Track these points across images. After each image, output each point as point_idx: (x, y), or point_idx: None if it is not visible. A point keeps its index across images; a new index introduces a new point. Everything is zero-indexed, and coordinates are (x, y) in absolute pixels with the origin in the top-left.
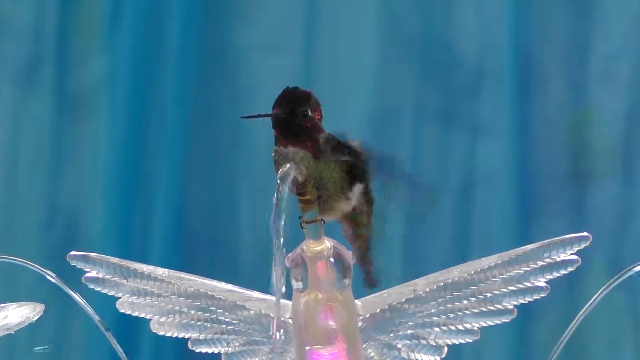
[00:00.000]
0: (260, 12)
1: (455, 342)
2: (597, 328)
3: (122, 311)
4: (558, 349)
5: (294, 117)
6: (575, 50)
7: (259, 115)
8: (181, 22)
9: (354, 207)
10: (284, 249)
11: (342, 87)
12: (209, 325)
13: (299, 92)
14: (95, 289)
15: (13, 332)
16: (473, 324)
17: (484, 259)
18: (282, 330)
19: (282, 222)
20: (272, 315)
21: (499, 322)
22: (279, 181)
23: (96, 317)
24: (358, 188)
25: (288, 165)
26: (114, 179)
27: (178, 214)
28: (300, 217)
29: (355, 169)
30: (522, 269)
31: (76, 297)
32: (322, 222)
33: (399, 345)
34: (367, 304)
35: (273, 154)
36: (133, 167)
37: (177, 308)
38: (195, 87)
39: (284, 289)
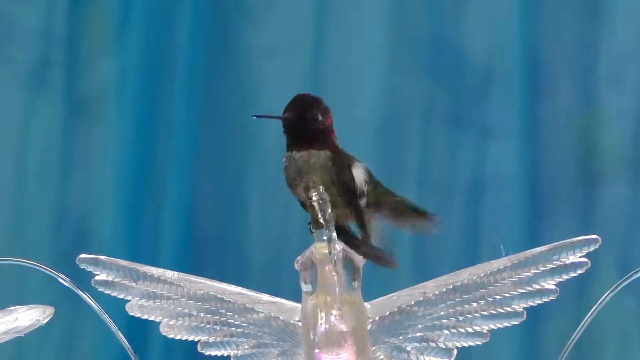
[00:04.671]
0: (270, 15)
1: (465, 344)
2: (606, 330)
3: (132, 314)
4: (567, 350)
5: (304, 121)
6: (585, 52)
7: (271, 116)
8: (190, 24)
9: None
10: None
11: (352, 90)
12: (218, 328)
13: (308, 97)
14: (105, 292)
15: (23, 335)
16: (482, 326)
17: (493, 261)
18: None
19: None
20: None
21: (509, 325)
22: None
23: (108, 320)
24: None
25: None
26: (123, 182)
27: (187, 217)
28: (309, 223)
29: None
30: (532, 271)
31: (88, 299)
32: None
33: (409, 348)
34: (377, 307)
35: (284, 160)
36: (142, 169)
37: (186, 311)
38: (204, 90)
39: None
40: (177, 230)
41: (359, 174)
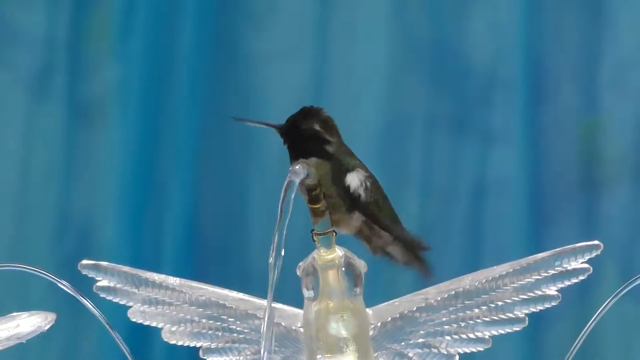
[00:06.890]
0: (273, 20)
1: (467, 350)
2: (609, 336)
3: (134, 320)
4: (569, 357)
5: (294, 128)
6: (587, 58)
7: (252, 121)
8: (193, 30)
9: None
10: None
11: (354, 95)
12: (220, 334)
13: (307, 108)
14: (107, 298)
15: (24, 342)
16: (484, 332)
17: (495, 267)
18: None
19: (288, 216)
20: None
21: (510, 331)
22: (287, 178)
23: (109, 326)
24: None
25: (299, 165)
26: (125, 188)
27: (190, 223)
28: (312, 230)
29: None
30: (534, 277)
31: (89, 305)
32: (334, 234)
33: (410, 354)
34: (379, 313)
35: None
36: (145, 175)
37: (188, 317)
38: (207, 95)
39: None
40: (179, 236)
41: (354, 178)
